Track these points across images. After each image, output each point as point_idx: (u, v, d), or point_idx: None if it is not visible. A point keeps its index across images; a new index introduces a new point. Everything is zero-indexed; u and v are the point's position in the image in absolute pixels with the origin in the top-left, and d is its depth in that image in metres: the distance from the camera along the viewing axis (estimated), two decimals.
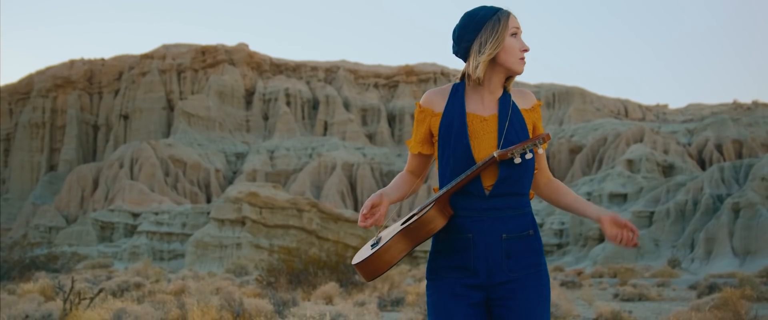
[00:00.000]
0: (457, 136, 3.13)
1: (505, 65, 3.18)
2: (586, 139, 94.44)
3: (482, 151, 3.10)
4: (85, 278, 24.29)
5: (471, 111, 3.18)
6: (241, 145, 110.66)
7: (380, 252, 2.99)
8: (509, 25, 3.18)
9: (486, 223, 3.09)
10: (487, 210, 3.09)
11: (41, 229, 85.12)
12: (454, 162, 3.14)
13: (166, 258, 66.05)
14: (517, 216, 3.12)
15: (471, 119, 3.16)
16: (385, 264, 3.01)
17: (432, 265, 3.20)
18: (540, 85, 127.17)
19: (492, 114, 3.17)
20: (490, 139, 3.12)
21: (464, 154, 3.11)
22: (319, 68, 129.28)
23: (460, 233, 3.11)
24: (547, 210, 70.69)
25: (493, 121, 3.15)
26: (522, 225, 3.12)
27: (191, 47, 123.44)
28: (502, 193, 3.09)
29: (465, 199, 3.11)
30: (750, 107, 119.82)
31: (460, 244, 3.12)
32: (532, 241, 3.13)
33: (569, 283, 24.29)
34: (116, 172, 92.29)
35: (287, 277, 17.55)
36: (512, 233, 3.09)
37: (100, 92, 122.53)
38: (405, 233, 3.01)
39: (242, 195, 57.58)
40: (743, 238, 48.38)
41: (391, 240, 2.99)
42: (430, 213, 3.02)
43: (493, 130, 3.14)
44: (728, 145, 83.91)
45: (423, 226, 3.02)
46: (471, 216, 3.10)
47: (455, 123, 3.15)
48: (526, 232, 3.12)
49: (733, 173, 56.23)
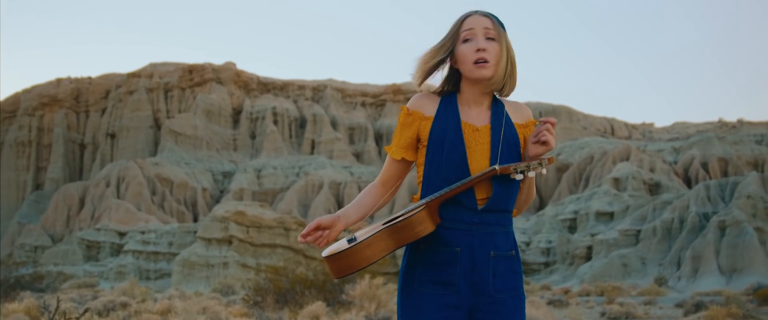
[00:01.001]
0: (453, 142, 2.96)
1: (463, 74, 3.01)
2: (572, 158, 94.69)
3: (474, 161, 2.94)
4: (70, 298, 24.16)
5: (464, 119, 3.02)
6: (228, 163, 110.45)
7: (360, 246, 2.77)
8: (461, 29, 3.02)
9: (476, 238, 2.90)
10: (478, 224, 2.91)
11: (27, 248, 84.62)
12: (446, 170, 2.95)
13: (153, 277, 65.72)
14: (504, 233, 2.96)
15: (464, 128, 3.00)
16: (363, 261, 2.78)
17: (407, 279, 2.98)
18: (526, 103, 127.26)
19: (484, 125, 3.01)
20: (482, 150, 2.96)
21: (459, 162, 2.94)
22: (307, 87, 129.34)
23: (447, 246, 2.91)
24: (535, 228, 70.80)
25: (485, 132, 2.99)
26: (508, 244, 2.97)
27: (178, 66, 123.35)
28: (494, 209, 2.92)
29: (455, 211, 2.92)
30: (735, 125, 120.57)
31: (444, 258, 2.91)
32: (515, 262, 2.99)
33: (556, 302, 24.31)
34: (103, 191, 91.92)
35: (274, 297, 17.51)
36: (500, 251, 2.93)
37: (86, 111, 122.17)
38: (391, 231, 2.81)
39: (229, 214, 57.42)
40: (729, 256, 48.57)
41: (374, 237, 2.79)
42: (420, 214, 2.81)
43: (485, 142, 2.97)
44: (714, 163, 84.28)
45: (411, 227, 2.81)
46: (460, 229, 2.91)
47: (450, 129, 2.99)
48: (510, 252, 2.97)
49: (718, 191, 56.49)
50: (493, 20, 3.03)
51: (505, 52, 2.99)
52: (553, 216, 70.89)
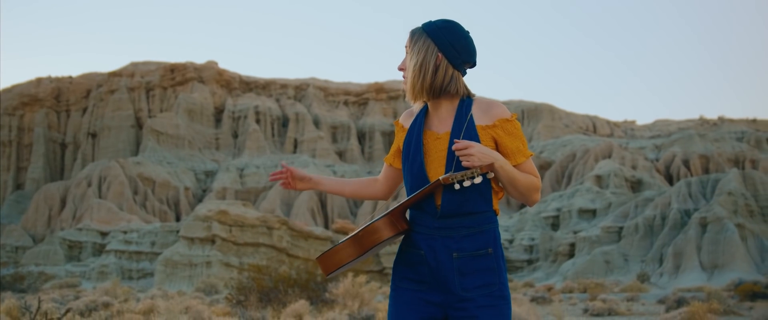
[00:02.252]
0: (414, 153, 3.18)
1: None
2: (555, 156, 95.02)
3: (433, 170, 3.14)
4: (52, 298, 24.03)
5: (428, 128, 3.22)
6: (211, 162, 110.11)
7: (331, 252, 3.08)
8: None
9: (437, 241, 3.10)
10: (439, 228, 3.10)
11: (8, 249, 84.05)
12: (411, 180, 3.19)
13: (135, 277, 65.42)
14: (472, 234, 3.09)
15: (427, 137, 3.20)
16: (333, 265, 3.08)
17: (394, 275, 3.25)
18: (509, 101, 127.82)
19: (445, 132, 3.17)
20: (441, 158, 3.14)
21: (418, 172, 3.15)
22: (289, 86, 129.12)
23: (414, 248, 3.16)
24: (517, 226, 70.97)
25: (445, 139, 3.15)
26: (478, 244, 3.09)
27: (160, 65, 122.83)
28: (452, 214, 3.09)
29: (420, 216, 3.15)
30: (716, 123, 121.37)
31: (414, 258, 3.16)
32: (488, 260, 3.10)
33: (539, 299, 24.38)
34: (84, 191, 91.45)
35: (257, 295, 17.47)
36: (465, 251, 3.07)
37: (67, 110, 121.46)
38: (354, 239, 3.06)
39: (212, 214, 57.26)
40: (711, 252, 48.87)
41: (342, 244, 3.07)
42: (377, 223, 3.06)
43: (444, 149, 3.14)
44: (695, 160, 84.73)
45: (368, 235, 3.06)
46: (424, 233, 3.14)
47: (413, 140, 3.21)
48: (484, 251, 3.09)
49: (700, 188, 56.83)
50: (411, 34, 3.23)
51: (413, 63, 3.18)
52: (535, 213, 71.08)
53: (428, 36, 3.17)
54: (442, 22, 3.19)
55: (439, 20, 3.20)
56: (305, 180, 3.40)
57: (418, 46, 3.16)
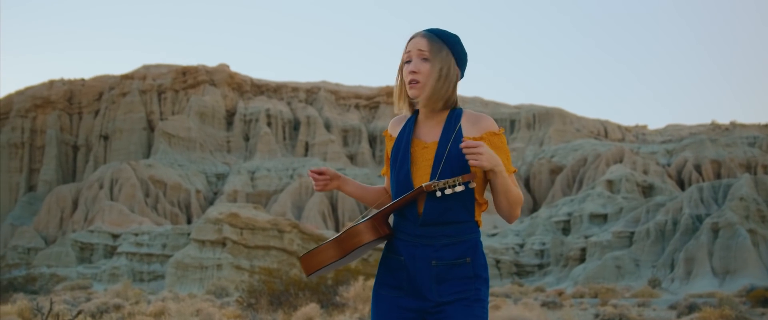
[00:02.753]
0: (401, 161, 3.19)
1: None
2: (566, 160, 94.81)
3: (419, 178, 3.15)
4: (64, 299, 24.10)
5: (416, 137, 3.23)
6: (222, 165, 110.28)
7: (313, 253, 3.11)
8: (404, 52, 3.23)
9: (418, 249, 3.12)
10: (419, 236, 3.12)
11: (20, 250, 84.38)
12: (396, 187, 3.20)
13: (146, 279, 65.60)
14: (452, 244, 3.11)
15: (414, 145, 3.20)
16: (314, 265, 3.10)
17: (376, 280, 3.27)
18: (520, 105, 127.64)
19: (433, 141, 3.17)
20: (427, 166, 3.15)
21: (405, 181, 3.16)
22: (300, 89, 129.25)
23: (395, 254, 3.18)
24: (528, 230, 70.84)
25: (432, 148, 3.16)
26: (457, 253, 3.11)
27: (172, 68, 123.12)
28: (432, 222, 3.11)
29: (402, 223, 3.18)
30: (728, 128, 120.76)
31: (394, 264, 3.19)
32: (466, 269, 3.11)
33: (550, 304, 24.33)
34: (96, 193, 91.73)
35: (268, 298, 17.49)
36: (444, 260, 3.10)
37: (80, 112, 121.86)
38: (336, 241, 3.07)
39: (223, 216, 57.37)
40: (722, 258, 48.70)
41: (324, 246, 3.09)
42: (358, 227, 3.07)
43: (431, 158, 3.15)
44: (707, 165, 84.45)
45: (350, 238, 3.07)
46: (405, 240, 3.16)
47: (401, 149, 3.22)
48: (462, 259, 3.11)
49: (711, 193, 56.64)
50: (430, 40, 3.17)
51: (437, 71, 3.14)
52: (546, 218, 70.96)
53: (448, 47, 3.18)
54: (454, 36, 3.23)
55: (451, 33, 3.23)
56: (337, 177, 3.38)
57: (442, 56, 3.15)
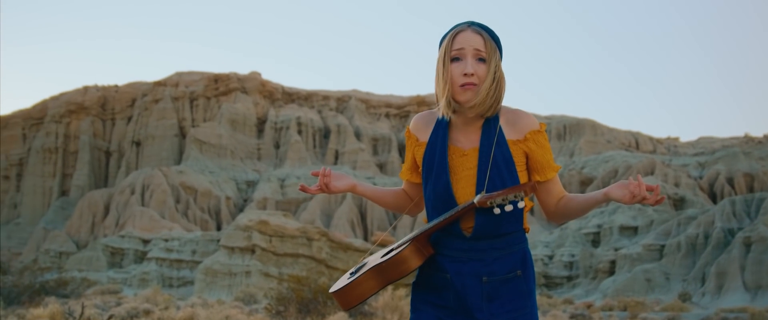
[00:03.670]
0: (438, 172, 2.90)
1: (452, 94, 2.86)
2: (596, 171, 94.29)
3: (461, 189, 2.86)
4: (94, 304, 24.32)
5: (452, 143, 2.92)
6: (252, 172, 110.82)
7: (351, 285, 2.85)
8: (452, 48, 2.85)
9: (466, 265, 2.85)
10: (467, 251, 2.86)
11: (52, 254, 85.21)
12: (434, 199, 2.92)
13: (176, 285, 65.99)
14: (503, 257, 2.86)
15: (451, 153, 2.91)
16: (355, 299, 2.86)
17: (415, 297, 2.99)
18: (551, 116, 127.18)
19: (472, 147, 2.88)
20: (469, 177, 2.87)
21: (444, 193, 2.88)
22: (331, 97, 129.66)
23: (439, 271, 2.90)
24: (558, 242, 70.48)
25: (473, 155, 2.87)
26: (508, 266, 2.86)
27: (204, 75, 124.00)
28: (483, 236, 2.85)
29: (445, 238, 2.90)
30: (761, 141, 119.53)
31: (438, 282, 2.91)
32: (519, 283, 2.86)
33: (579, 316, 24.22)
34: (127, 198, 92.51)
35: (296, 306, 17.55)
36: (495, 276, 2.84)
37: (112, 118, 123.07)
38: (377, 271, 2.83)
39: (252, 223, 57.58)
40: (754, 273, 48.16)
41: (363, 276, 2.84)
42: (404, 252, 2.80)
43: (473, 166, 2.86)
44: (739, 178, 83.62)
45: (396, 266, 2.81)
46: (451, 256, 2.88)
47: (436, 157, 2.92)
48: (513, 273, 2.86)
49: (744, 207, 56.07)
50: (486, 37, 2.85)
51: (493, 73, 2.82)
52: (576, 229, 70.58)
53: (496, 45, 2.88)
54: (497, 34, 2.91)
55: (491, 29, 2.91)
56: (344, 178, 3.16)
57: (496, 57, 2.84)
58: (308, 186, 3.17)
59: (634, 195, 2.73)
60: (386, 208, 3.29)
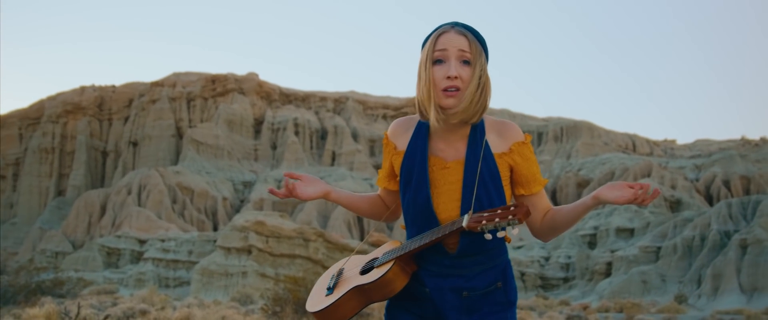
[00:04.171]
0: (417, 185, 2.72)
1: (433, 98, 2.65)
2: (593, 174, 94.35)
3: (442, 204, 2.70)
4: (90, 304, 24.29)
5: (433, 153, 2.75)
6: (249, 173, 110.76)
7: (332, 308, 2.70)
8: (435, 49, 2.67)
9: (447, 280, 2.72)
10: (450, 267, 2.72)
11: (48, 254, 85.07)
12: (413, 213, 2.75)
13: (172, 285, 65.91)
14: (484, 271, 2.73)
15: (432, 164, 2.74)
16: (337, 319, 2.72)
17: (394, 302, 2.87)
18: (548, 118, 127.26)
19: (456, 160, 2.71)
20: (451, 191, 2.70)
21: (424, 207, 2.71)
22: (328, 98, 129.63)
23: (418, 283, 2.77)
24: (554, 243, 70.49)
25: (456, 169, 2.70)
26: (489, 280, 2.73)
27: (201, 76, 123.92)
28: (467, 254, 2.70)
29: (427, 253, 2.74)
30: (758, 143, 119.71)
31: (417, 294, 2.78)
32: (498, 295, 2.74)
33: (575, 318, 24.24)
34: (124, 199, 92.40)
35: (293, 307, 17.55)
36: (476, 290, 2.72)
37: (109, 119, 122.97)
38: (359, 291, 2.70)
39: (249, 224, 57.56)
40: (750, 275, 48.23)
41: (344, 297, 2.69)
42: (388, 275, 2.64)
43: (456, 181, 2.69)
44: (736, 181, 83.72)
45: (380, 289, 2.67)
46: (431, 270, 2.74)
47: (416, 168, 2.74)
48: (494, 286, 2.74)
49: (740, 209, 56.13)
50: (471, 38, 2.67)
51: (478, 77, 2.62)
52: (573, 231, 70.61)
53: (482, 48, 2.69)
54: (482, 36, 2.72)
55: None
56: (316, 183, 2.96)
57: (482, 60, 2.64)
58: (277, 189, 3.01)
59: (636, 197, 2.59)
60: (361, 215, 3.14)
